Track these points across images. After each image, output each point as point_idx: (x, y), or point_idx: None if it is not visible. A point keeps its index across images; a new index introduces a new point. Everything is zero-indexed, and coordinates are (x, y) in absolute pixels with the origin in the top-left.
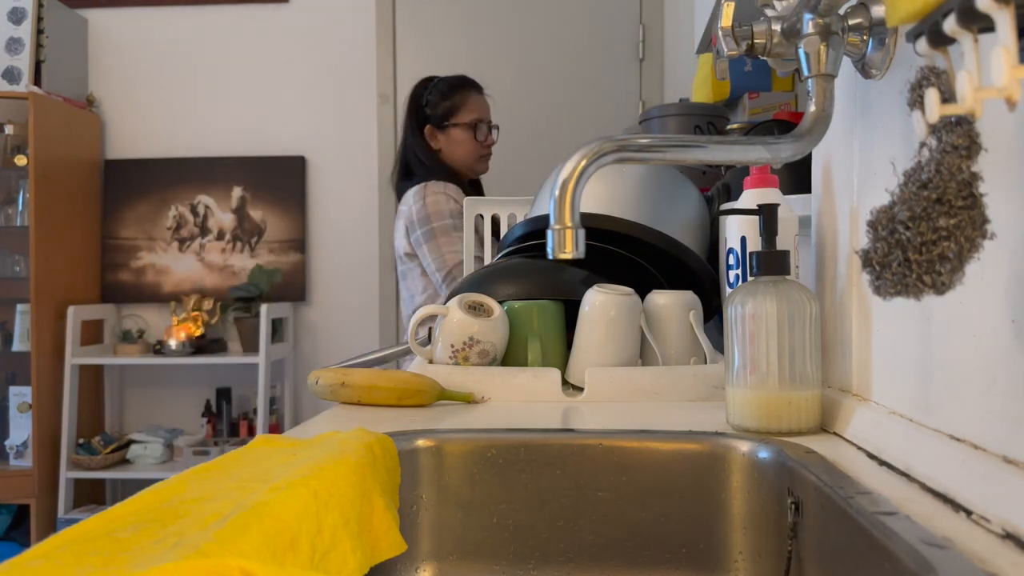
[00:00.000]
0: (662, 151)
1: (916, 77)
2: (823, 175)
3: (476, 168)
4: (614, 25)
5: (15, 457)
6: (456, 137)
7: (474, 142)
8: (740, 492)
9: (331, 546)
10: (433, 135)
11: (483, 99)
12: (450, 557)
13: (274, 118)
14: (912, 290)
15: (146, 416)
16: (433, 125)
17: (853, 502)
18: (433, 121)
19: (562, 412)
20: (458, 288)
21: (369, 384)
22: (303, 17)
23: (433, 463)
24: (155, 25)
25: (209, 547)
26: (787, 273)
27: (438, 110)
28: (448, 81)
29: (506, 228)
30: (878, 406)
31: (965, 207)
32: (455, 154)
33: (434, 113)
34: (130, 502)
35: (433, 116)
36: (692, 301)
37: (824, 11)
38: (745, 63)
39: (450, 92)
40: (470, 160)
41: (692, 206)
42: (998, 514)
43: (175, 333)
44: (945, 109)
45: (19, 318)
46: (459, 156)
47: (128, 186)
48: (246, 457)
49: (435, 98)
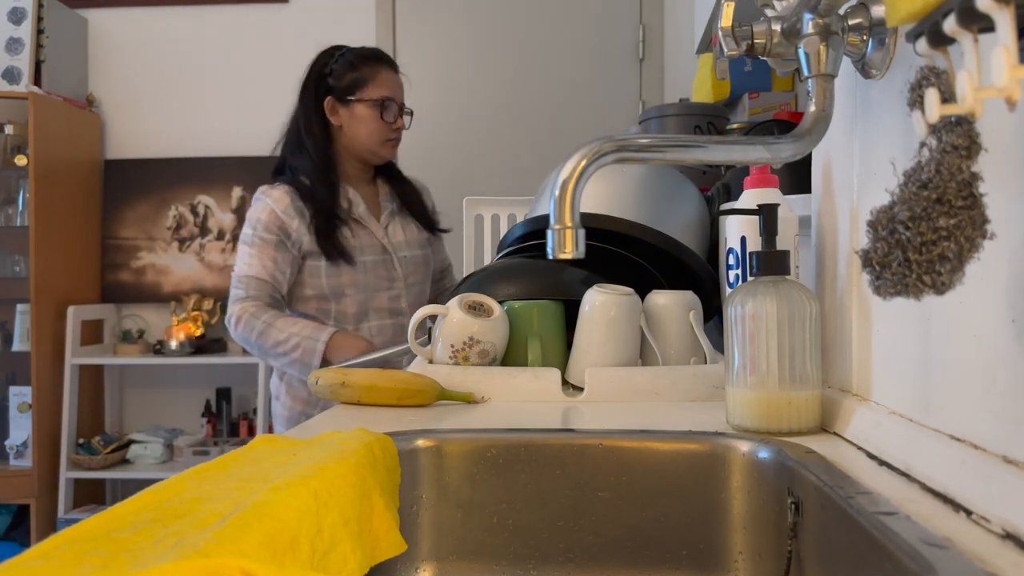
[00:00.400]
0: (662, 151)
1: (916, 77)
2: (823, 175)
3: (380, 152)
4: (614, 25)
5: (15, 457)
6: (360, 114)
7: (380, 122)
8: (740, 492)
9: (331, 546)
10: (334, 109)
11: (396, 77)
12: (450, 557)
13: (274, 118)
14: (912, 290)
15: (146, 416)
16: (335, 98)
17: (853, 502)
18: (336, 93)
19: (562, 412)
20: (458, 288)
21: (369, 384)
22: (303, 17)
23: (433, 463)
24: (155, 25)
25: (209, 547)
26: (787, 273)
27: (343, 81)
28: (358, 51)
29: (506, 228)
30: (878, 406)
31: (965, 207)
32: (358, 133)
33: (338, 84)
34: (130, 502)
35: (336, 87)
36: (692, 301)
37: (824, 11)
38: (745, 63)
39: (358, 63)
40: (373, 142)
41: (692, 206)
42: (998, 514)
43: (175, 333)
44: (945, 109)
45: (19, 318)
46: (362, 136)
47: (128, 186)
48: (246, 457)
49: (341, 68)
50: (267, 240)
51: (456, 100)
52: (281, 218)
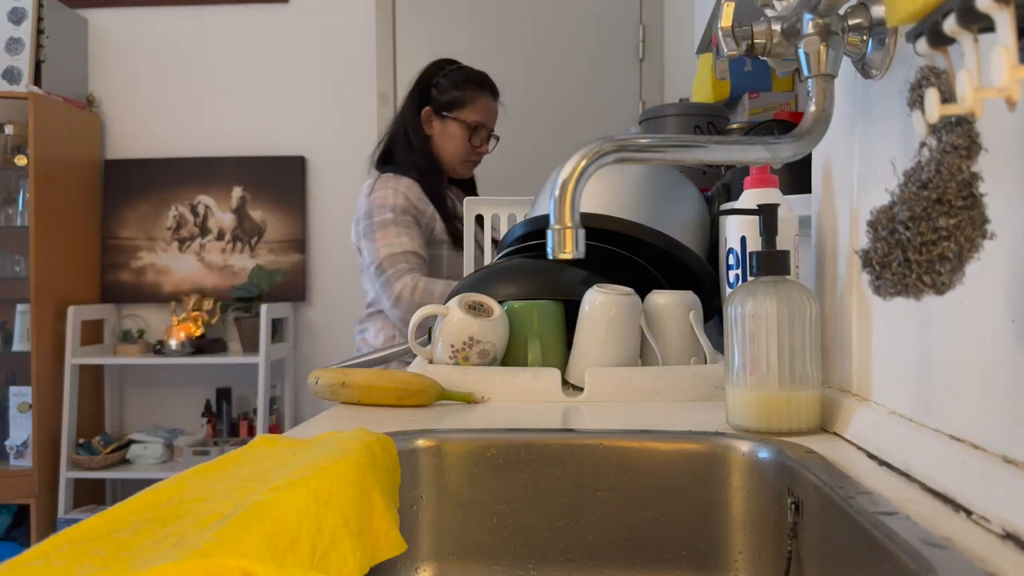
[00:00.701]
0: (662, 151)
1: (916, 77)
2: (823, 175)
3: (459, 170)
4: (614, 25)
5: (15, 457)
6: (451, 132)
7: (467, 144)
8: (740, 492)
9: (331, 546)
10: (430, 120)
11: (493, 105)
12: (450, 557)
13: (274, 118)
14: (912, 290)
15: (146, 416)
16: (433, 109)
17: (853, 502)
18: (435, 105)
19: (562, 412)
20: (458, 288)
21: (369, 384)
22: (303, 17)
23: (433, 463)
24: (155, 25)
25: (209, 547)
26: (787, 273)
27: (445, 96)
28: (466, 72)
29: (506, 228)
30: (878, 406)
31: (965, 207)
32: (445, 148)
33: (440, 97)
34: (130, 502)
35: (437, 100)
36: (692, 301)
37: (824, 11)
38: (745, 63)
39: (463, 84)
40: (456, 160)
41: (692, 206)
42: (998, 514)
43: (175, 333)
44: (945, 109)
45: (19, 318)
46: (448, 151)
47: (128, 186)
48: (246, 457)
49: (447, 83)
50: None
51: None
52: (416, 204)
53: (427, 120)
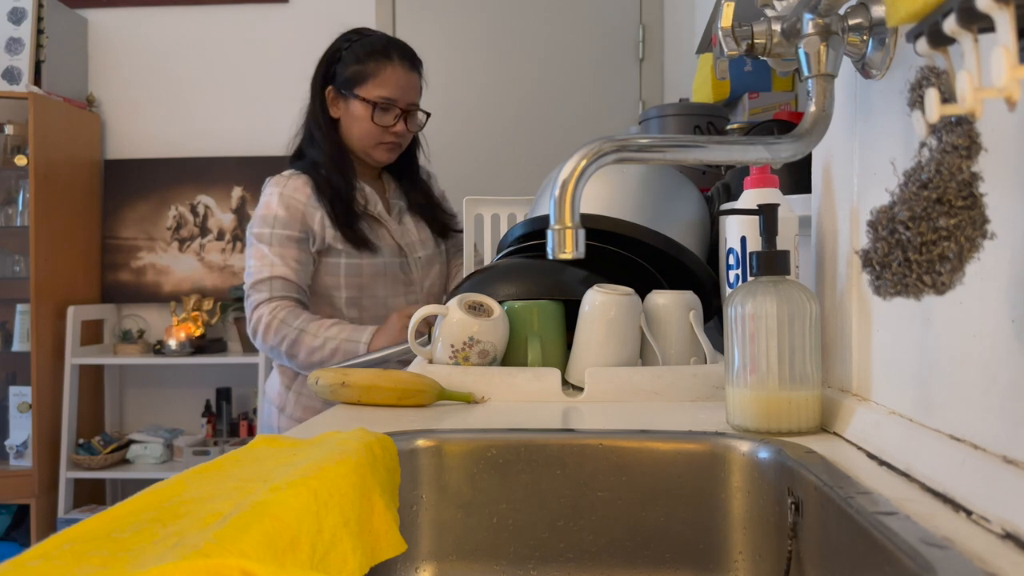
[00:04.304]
0: (662, 151)
1: (916, 77)
2: (823, 175)
3: (375, 156)
4: (614, 25)
5: (15, 457)
6: (355, 112)
7: (371, 124)
8: (740, 492)
9: (331, 546)
10: (334, 100)
11: (407, 76)
12: (450, 557)
13: (274, 118)
14: (912, 290)
15: (146, 416)
16: (335, 88)
17: (853, 502)
18: (337, 83)
19: (562, 412)
20: (458, 288)
21: (369, 384)
22: (303, 17)
23: (433, 463)
24: (155, 25)
25: (209, 547)
26: (787, 273)
27: (346, 71)
28: (370, 41)
29: (506, 228)
30: (878, 406)
31: (965, 207)
32: (351, 131)
33: (341, 74)
34: (130, 502)
35: (339, 77)
36: (692, 301)
37: (824, 11)
38: (745, 63)
39: (366, 56)
40: (367, 144)
41: (692, 206)
42: (998, 514)
43: (175, 333)
44: (945, 109)
45: (19, 318)
46: (354, 135)
47: (128, 186)
48: (246, 457)
49: (349, 57)
50: (287, 236)
51: (456, 100)
52: (304, 210)
53: (333, 102)
